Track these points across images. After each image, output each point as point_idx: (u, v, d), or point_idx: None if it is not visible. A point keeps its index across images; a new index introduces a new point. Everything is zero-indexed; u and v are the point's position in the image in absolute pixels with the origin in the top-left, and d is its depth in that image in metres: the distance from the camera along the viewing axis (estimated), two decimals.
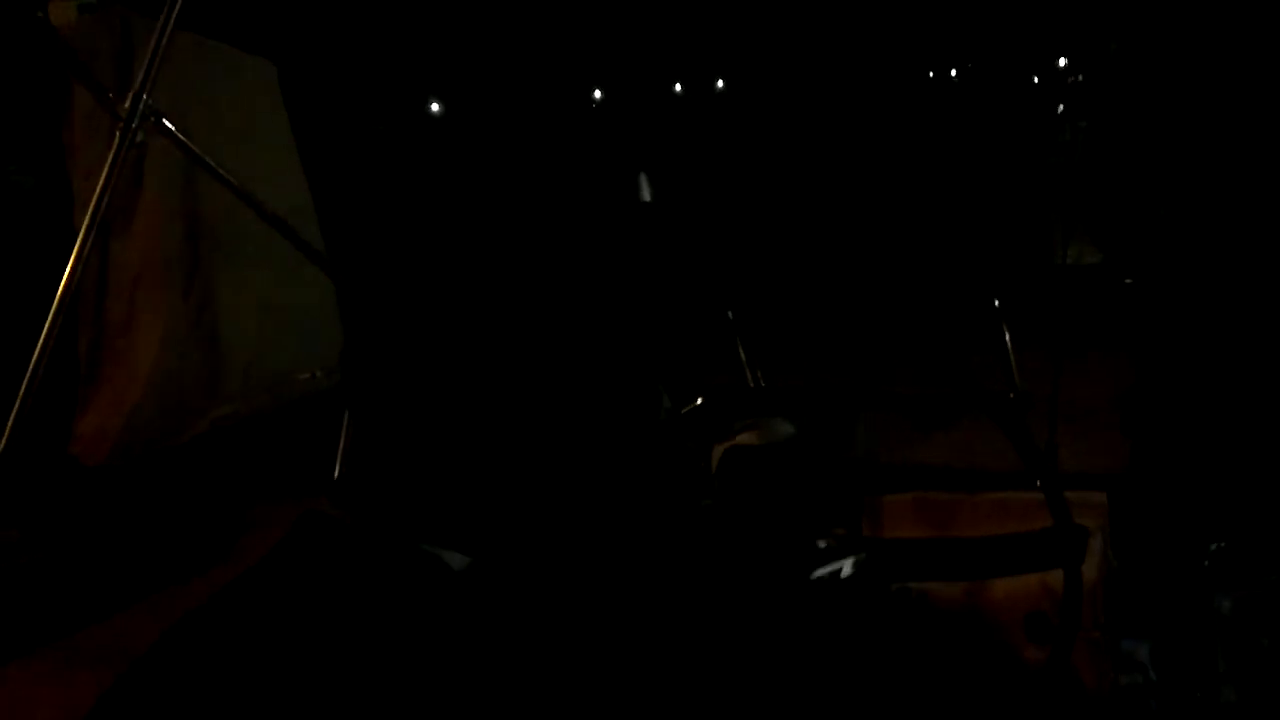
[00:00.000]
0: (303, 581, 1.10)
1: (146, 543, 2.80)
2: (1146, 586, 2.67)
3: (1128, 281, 2.99)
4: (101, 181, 2.65)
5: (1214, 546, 2.55)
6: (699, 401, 1.95)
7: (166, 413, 3.21)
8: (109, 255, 3.19)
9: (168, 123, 2.79)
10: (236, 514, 2.93)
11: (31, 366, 2.46)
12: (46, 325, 2.49)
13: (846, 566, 1.87)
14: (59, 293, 2.53)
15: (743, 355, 2.05)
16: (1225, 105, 2.95)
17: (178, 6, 2.66)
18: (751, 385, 2.07)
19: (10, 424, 2.45)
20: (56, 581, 2.59)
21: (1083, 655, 2.48)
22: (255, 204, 3.01)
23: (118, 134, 2.70)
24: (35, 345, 2.49)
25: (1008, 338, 2.30)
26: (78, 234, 2.60)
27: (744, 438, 1.92)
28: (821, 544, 1.81)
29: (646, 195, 1.97)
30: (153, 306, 3.21)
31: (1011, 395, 2.27)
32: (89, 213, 2.63)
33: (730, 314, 2.04)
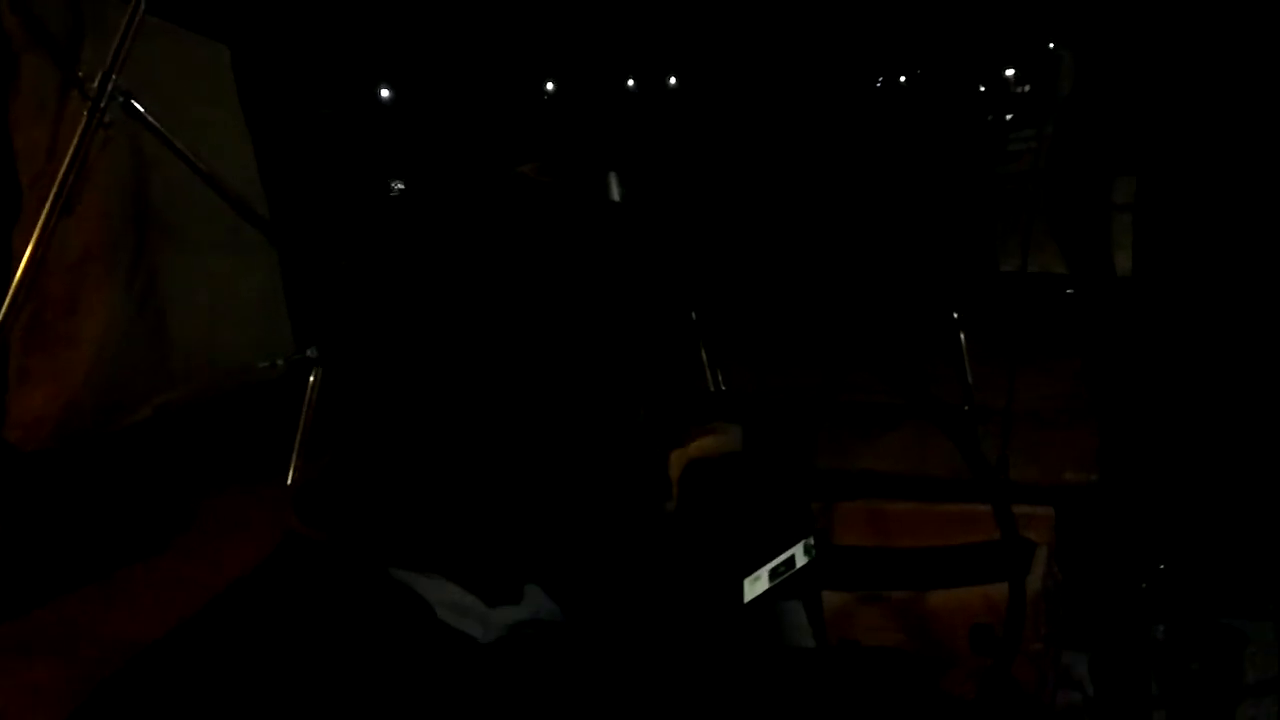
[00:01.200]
0: (287, 609, 1.07)
1: (86, 529, 2.75)
2: (1089, 602, 2.69)
3: (1068, 291, 3.02)
4: (66, 162, 2.60)
5: (1157, 569, 2.58)
6: (657, 405, 1.94)
7: (109, 397, 3.14)
8: (52, 235, 3.12)
9: (136, 104, 2.74)
10: (179, 501, 2.89)
11: None
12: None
13: (799, 553, 1.87)
14: (18, 274, 2.46)
15: (704, 357, 2.04)
16: (1184, 111, 2.98)
17: None
18: (712, 389, 2.07)
19: None
20: None
21: (1024, 667, 2.51)
22: (219, 187, 2.96)
23: (85, 114, 2.65)
24: None
25: (964, 347, 2.31)
26: (30, 214, 2.54)
27: (701, 444, 1.91)
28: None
29: (615, 194, 1.96)
30: (97, 288, 3.14)
31: (965, 408, 2.28)
32: (52, 193, 2.58)
33: (694, 315, 2.03)
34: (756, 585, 1.81)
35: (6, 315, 2.72)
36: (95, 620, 2.37)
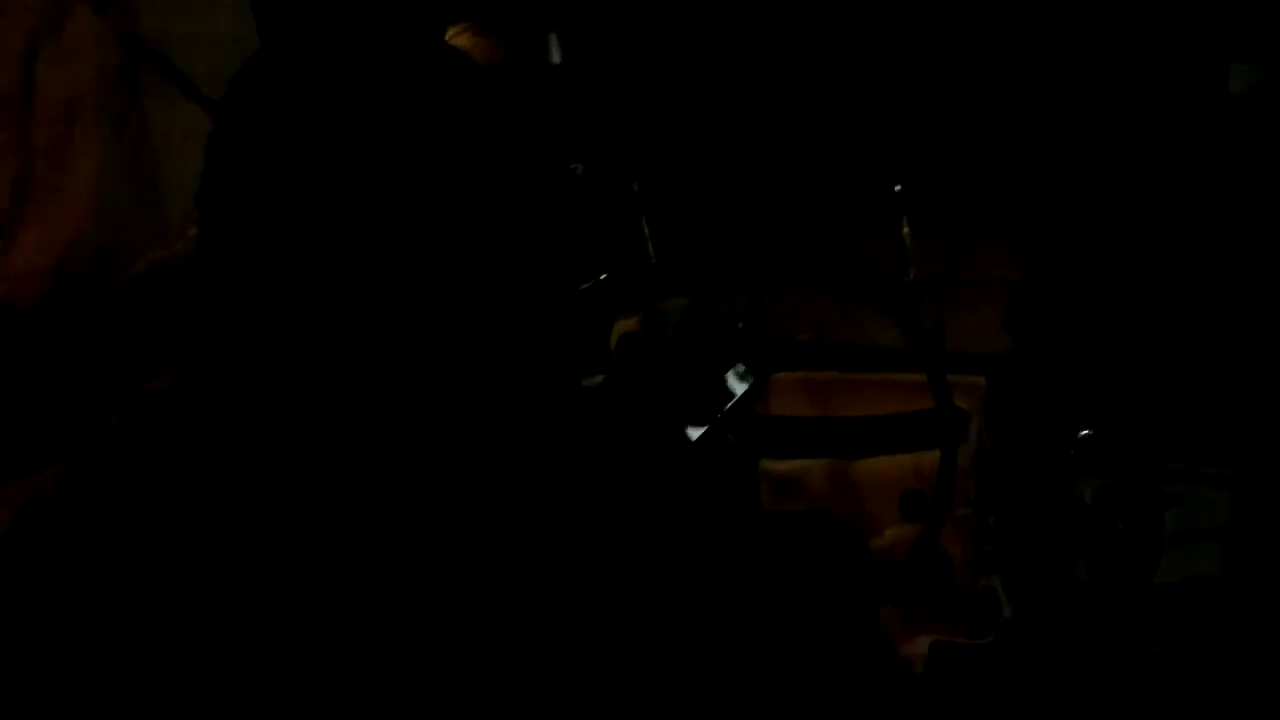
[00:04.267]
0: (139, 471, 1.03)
1: (65, 397, 2.68)
2: (1016, 468, 2.76)
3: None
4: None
5: (1081, 434, 2.64)
6: (600, 278, 1.93)
7: (101, 251, 3.03)
8: (35, 77, 2.99)
9: None
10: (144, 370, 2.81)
11: None
12: None
13: (734, 381, 1.89)
14: None
15: (646, 230, 2.03)
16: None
17: None
18: (654, 261, 2.06)
19: None
20: None
21: (951, 532, 2.58)
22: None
23: None
24: None
25: (905, 222, 2.31)
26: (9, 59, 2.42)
27: (640, 318, 1.91)
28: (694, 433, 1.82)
29: (555, 57, 1.91)
30: (88, 133, 3.01)
31: (905, 279, 2.30)
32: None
33: (635, 186, 2.02)
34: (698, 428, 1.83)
35: None
36: None
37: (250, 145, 1.00)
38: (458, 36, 1.95)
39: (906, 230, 2.30)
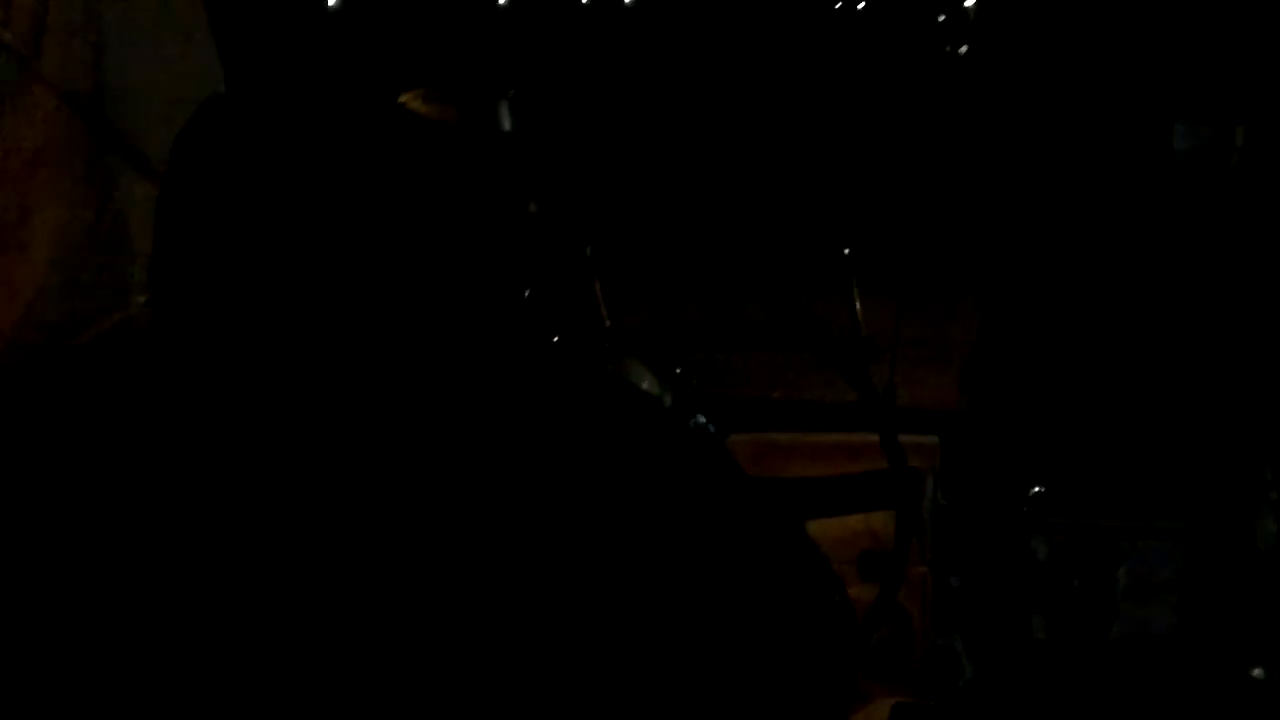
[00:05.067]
0: None
1: None
2: (969, 526, 2.77)
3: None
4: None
5: (1034, 491, 2.66)
6: (553, 341, 1.93)
7: (65, 310, 2.99)
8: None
9: None
10: None
11: None
12: None
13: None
14: None
15: (598, 292, 2.04)
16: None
17: None
18: (607, 324, 2.07)
19: None
20: None
21: (908, 591, 2.57)
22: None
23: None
24: None
25: (854, 283, 2.33)
26: None
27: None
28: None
29: (506, 125, 1.92)
30: (53, 193, 2.98)
31: (859, 339, 2.31)
32: None
33: (588, 250, 2.02)
34: None
35: None
36: None
37: (198, 207, 1.00)
38: (410, 103, 1.96)
39: (855, 291, 2.32)
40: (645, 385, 1.90)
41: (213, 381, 0.99)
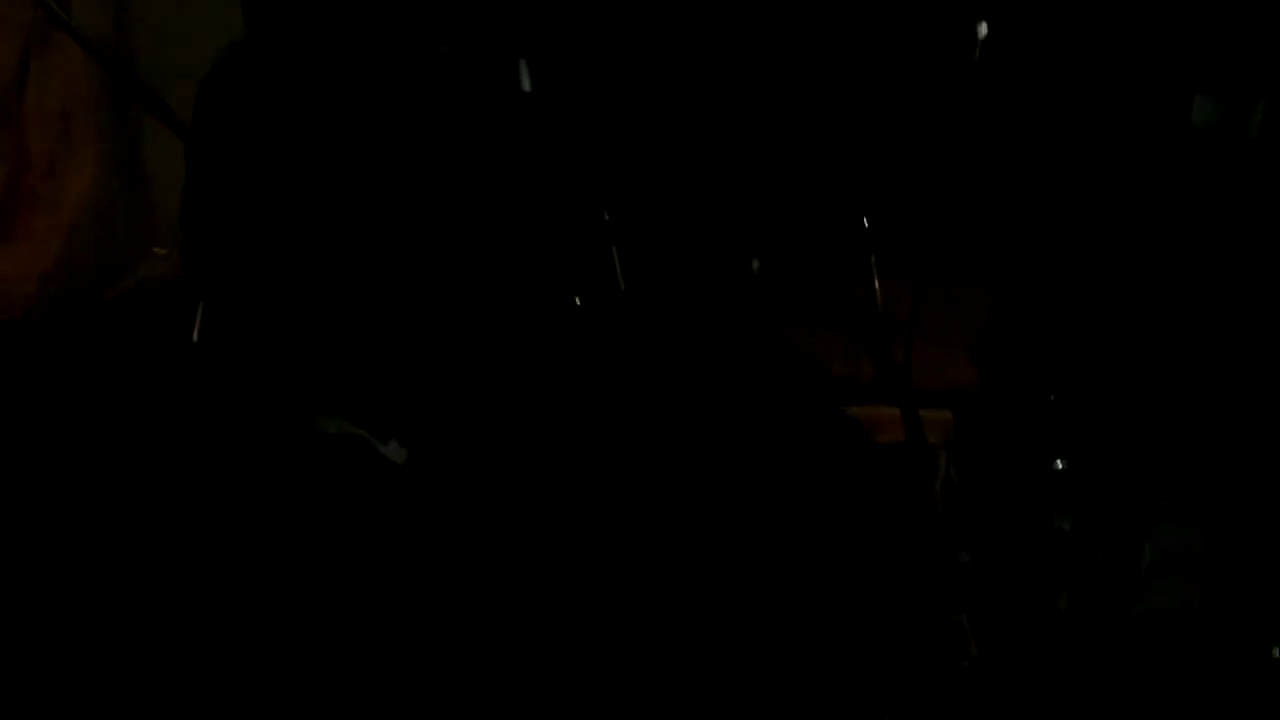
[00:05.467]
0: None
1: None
2: (985, 501, 2.75)
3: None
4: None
5: (1056, 466, 2.63)
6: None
7: (90, 265, 2.98)
8: (27, 88, 2.94)
9: None
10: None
11: None
12: None
13: None
14: None
15: (616, 261, 2.01)
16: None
17: None
18: (622, 289, 2.05)
19: None
20: None
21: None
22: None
23: None
24: None
25: (873, 260, 2.31)
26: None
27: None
28: None
29: (526, 85, 1.89)
30: (81, 145, 2.96)
31: (874, 313, 2.30)
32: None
33: (606, 215, 2.00)
34: None
35: None
36: None
37: (225, 153, 0.99)
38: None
39: (874, 268, 2.30)
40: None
41: (247, 329, 0.99)
